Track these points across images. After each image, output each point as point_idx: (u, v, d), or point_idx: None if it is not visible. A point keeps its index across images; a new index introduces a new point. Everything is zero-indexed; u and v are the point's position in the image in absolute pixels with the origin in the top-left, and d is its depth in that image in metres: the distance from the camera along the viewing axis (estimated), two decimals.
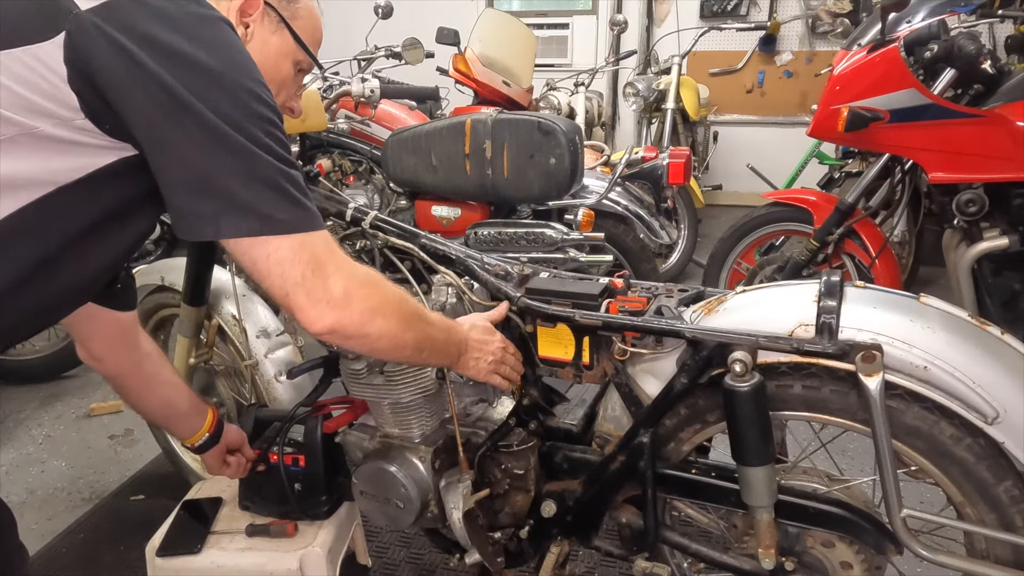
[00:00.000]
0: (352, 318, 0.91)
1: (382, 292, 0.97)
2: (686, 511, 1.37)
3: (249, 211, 0.83)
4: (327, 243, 0.90)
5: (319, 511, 1.47)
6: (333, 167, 1.70)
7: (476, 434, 1.40)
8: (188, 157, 0.81)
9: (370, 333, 0.95)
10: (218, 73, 0.82)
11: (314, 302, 0.88)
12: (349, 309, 0.91)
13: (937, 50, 2.18)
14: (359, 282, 0.92)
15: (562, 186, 2.45)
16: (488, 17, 3.76)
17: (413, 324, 1.03)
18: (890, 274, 2.54)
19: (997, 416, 1.02)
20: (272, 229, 0.85)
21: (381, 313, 0.95)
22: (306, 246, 0.87)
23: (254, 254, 0.86)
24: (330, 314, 0.89)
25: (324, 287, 0.88)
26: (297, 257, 0.86)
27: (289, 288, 0.87)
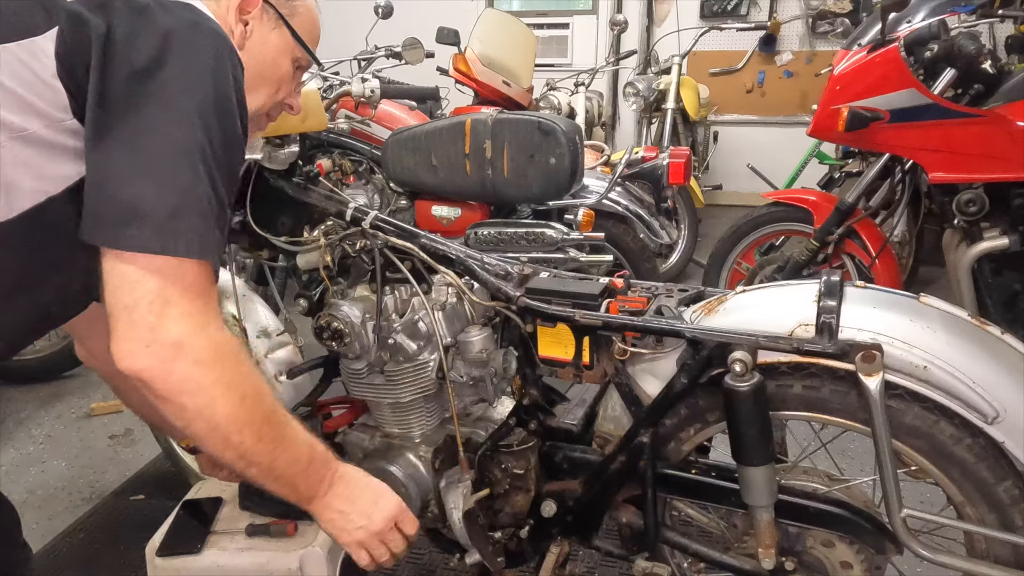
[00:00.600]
0: (170, 375, 0.76)
1: (228, 370, 0.80)
2: (686, 511, 1.37)
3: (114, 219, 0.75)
4: (194, 280, 0.77)
5: None
6: (333, 167, 1.69)
7: (476, 434, 1.40)
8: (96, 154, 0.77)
9: (186, 405, 0.78)
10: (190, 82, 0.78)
11: (132, 336, 0.74)
12: (170, 363, 0.75)
13: (937, 50, 2.19)
14: (205, 343, 0.77)
15: (562, 186, 2.45)
16: (488, 17, 3.75)
17: (253, 428, 0.84)
18: (890, 274, 2.54)
19: (997, 416, 1.02)
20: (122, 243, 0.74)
21: (211, 391, 0.78)
22: (158, 274, 0.75)
23: (105, 259, 0.76)
24: (144, 357, 0.74)
25: (154, 326, 0.74)
26: (140, 281, 0.74)
27: (115, 310, 0.75)
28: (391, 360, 1.35)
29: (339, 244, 1.38)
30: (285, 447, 0.90)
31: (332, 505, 0.99)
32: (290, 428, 0.91)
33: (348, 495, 1.00)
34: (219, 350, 0.79)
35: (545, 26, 5.74)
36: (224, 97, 0.81)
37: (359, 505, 1.01)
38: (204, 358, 0.77)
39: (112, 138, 0.76)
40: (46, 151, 0.79)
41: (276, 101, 1.07)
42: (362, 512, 1.01)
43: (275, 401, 0.88)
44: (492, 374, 1.34)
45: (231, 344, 0.82)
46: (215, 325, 0.80)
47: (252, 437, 0.84)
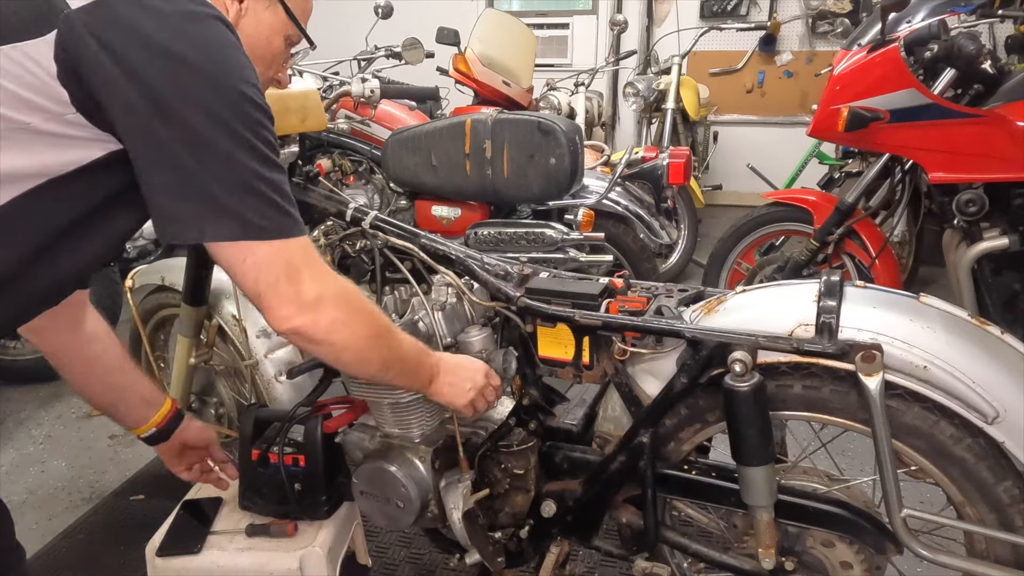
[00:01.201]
0: (319, 324, 0.92)
1: (355, 305, 0.98)
2: (686, 511, 1.37)
3: (229, 216, 0.84)
4: (306, 250, 0.91)
5: (319, 511, 1.46)
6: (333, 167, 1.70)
7: (476, 434, 1.40)
8: (170, 160, 0.82)
9: (336, 342, 0.95)
10: (206, 74, 0.82)
11: (284, 303, 0.90)
12: (317, 315, 0.91)
13: (937, 50, 2.19)
14: (333, 291, 0.94)
15: (562, 186, 2.45)
16: (488, 17, 3.75)
17: (382, 341, 1.03)
18: (890, 274, 2.54)
19: (997, 416, 1.02)
20: (250, 234, 0.86)
21: (350, 325, 0.96)
22: (284, 251, 0.89)
23: (231, 257, 0.87)
24: (298, 316, 0.90)
25: (296, 291, 0.90)
26: (273, 262, 0.88)
27: (261, 289, 0.89)
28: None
29: (339, 244, 1.38)
30: (404, 348, 1.10)
31: (445, 380, 1.20)
32: (400, 333, 1.10)
33: (453, 369, 1.22)
34: (344, 292, 0.96)
35: (545, 26, 5.74)
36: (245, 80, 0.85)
37: (462, 373, 1.23)
38: (338, 303, 0.94)
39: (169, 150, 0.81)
40: (48, 141, 0.82)
41: (267, 78, 1.09)
42: (467, 378, 1.23)
43: (384, 315, 1.06)
44: None
45: (349, 284, 0.99)
46: (332, 274, 0.95)
47: (384, 348, 1.04)
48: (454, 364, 1.23)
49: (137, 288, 1.90)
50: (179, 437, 1.36)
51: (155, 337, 2.03)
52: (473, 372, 1.24)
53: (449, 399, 1.22)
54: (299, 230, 0.91)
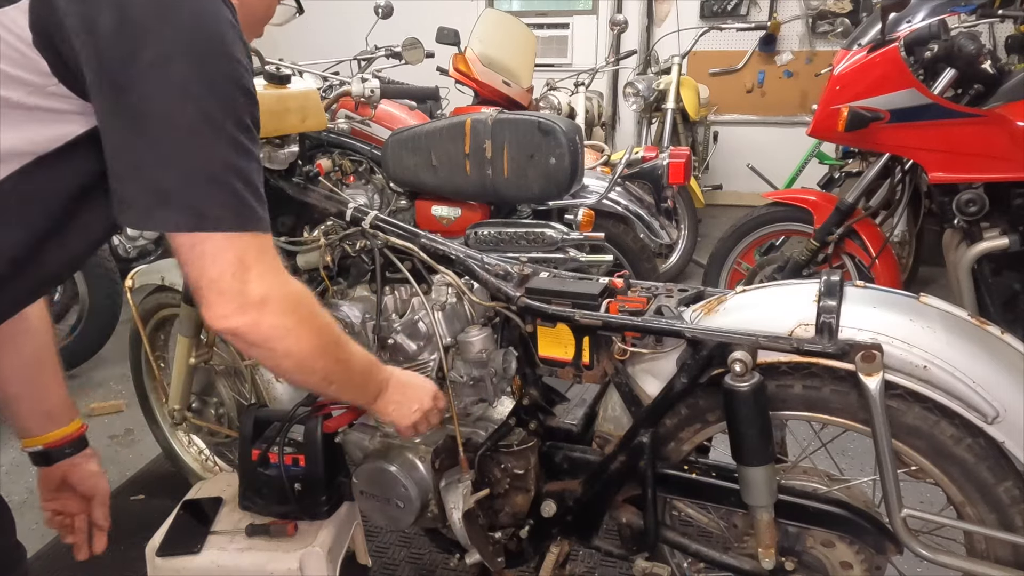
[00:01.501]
0: (260, 327, 0.86)
1: (303, 312, 0.91)
2: (686, 511, 1.37)
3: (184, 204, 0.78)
4: (261, 247, 0.85)
5: (319, 511, 1.46)
6: (333, 167, 1.70)
7: (476, 434, 1.40)
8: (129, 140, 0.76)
9: (276, 348, 0.90)
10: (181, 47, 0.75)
11: (225, 299, 0.83)
12: (260, 317, 0.85)
13: (937, 50, 2.19)
14: (281, 295, 0.87)
15: (562, 186, 2.45)
16: (488, 17, 3.75)
17: (329, 354, 0.97)
18: (890, 274, 2.54)
19: (997, 416, 1.02)
20: (204, 226, 0.80)
21: (294, 332, 0.90)
22: (236, 245, 0.82)
23: (181, 243, 0.81)
24: (237, 316, 0.84)
25: (241, 289, 0.83)
26: (222, 254, 0.81)
27: (204, 282, 0.83)
28: (391, 360, 1.35)
29: (339, 244, 1.38)
30: (353, 362, 1.04)
31: (392, 398, 1.16)
32: (352, 346, 1.04)
33: (401, 388, 1.18)
34: (294, 297, 0.90)
35: (545, 26, 5.74)
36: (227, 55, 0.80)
37: (410, 393, 1.19)
38: (285, 307, 0.87)
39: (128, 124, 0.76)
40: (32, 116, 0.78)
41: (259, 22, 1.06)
42: (414, 398, 1.19)
43: (338, 327, 1.01)
44: (492, 374, 1.34)
45: (302, 289, 0.93)
46: (284, 276, 0.89)
47: (330, 360, 0.98)
48: (403, 383, 1.19)
49: (137, 288, 1.90)
50: (64, 469, 1.17)
51: (155, 337, 2.03)
52: (422, 393, 1.21)
53: (393, 419, 1.19)
54: (259, 224, 0.84)
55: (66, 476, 1.18)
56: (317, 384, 1.01)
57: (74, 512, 1.19)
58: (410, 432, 1.22)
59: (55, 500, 1.19)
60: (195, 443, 2.12)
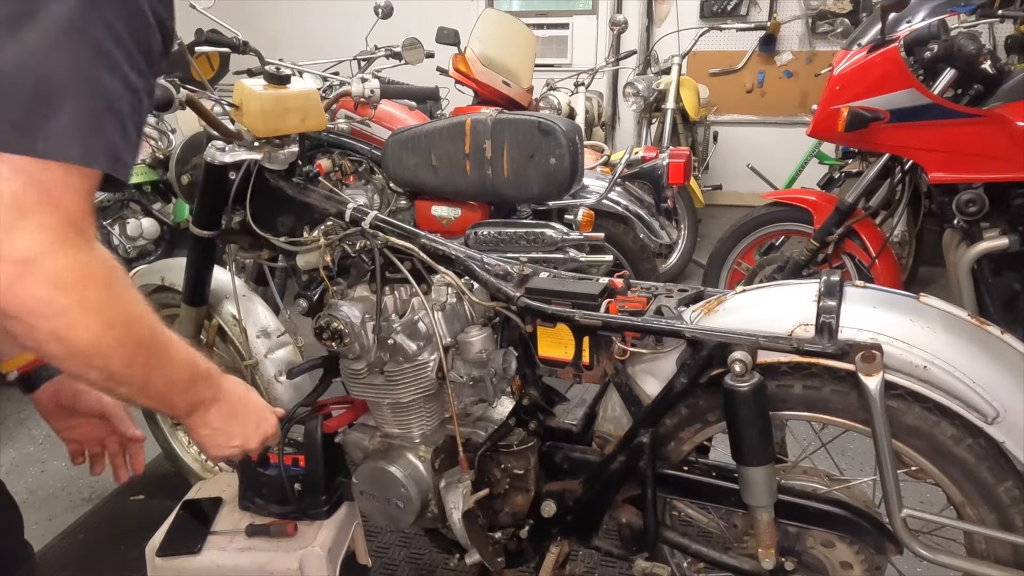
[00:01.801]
0: (17, 295, 0.63)
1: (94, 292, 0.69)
2: (686, 511, 1.37)
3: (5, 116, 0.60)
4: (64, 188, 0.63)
5: (319, 511, 1.47)
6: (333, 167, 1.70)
7: (476, 434, 1.40)
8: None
9: (38, 327, 0.66)
10: None
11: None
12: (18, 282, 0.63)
13: (937, 50, 2.19)
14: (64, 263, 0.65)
15: (562, 186, 2.45)
16: (488, 17, 3.75)
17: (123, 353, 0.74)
18: (890, 274, 2.54)
19: (997, 416, 1.02)
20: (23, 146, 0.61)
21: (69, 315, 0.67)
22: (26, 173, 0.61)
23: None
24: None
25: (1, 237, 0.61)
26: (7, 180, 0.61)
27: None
28: (391, 360, 1.35)
29: (339, 244, 1.38)
30: (161, 371, 0.80)
31: (211, 422, 0.92)
32: (169, 351, 0.81)
33: (230, 412, 0.94)
34: (83, 271, 0.67)
35: (545, 26, 5.74)
36: None
37: (240, 423, 0.96)
38: (63, 279, 0.65)
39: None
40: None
41: None
42: (242, 432, 0.96)
43: (155, 324, 0.78)
44: (492, 374, 1.34)
45: (102, 265, 0.70)
46: (82, 242, 0.67)
47: (120, 362, 0.74)
48: (234, 411, 0.95)
49: (137, 288, 1.90)
50: (53, 392, 1.02)
51: None
52: (250, 428, 0.98)
53: (203, 443, 0.94)
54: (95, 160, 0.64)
55: (59, 400, 1.02)
56: (96, 383, 0.77)
57: (98, 437, 1.07)
58: (215, 460, 1.03)
59: (70, 430, 1.06)
60: (195, 443, 2.12)
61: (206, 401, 0.90)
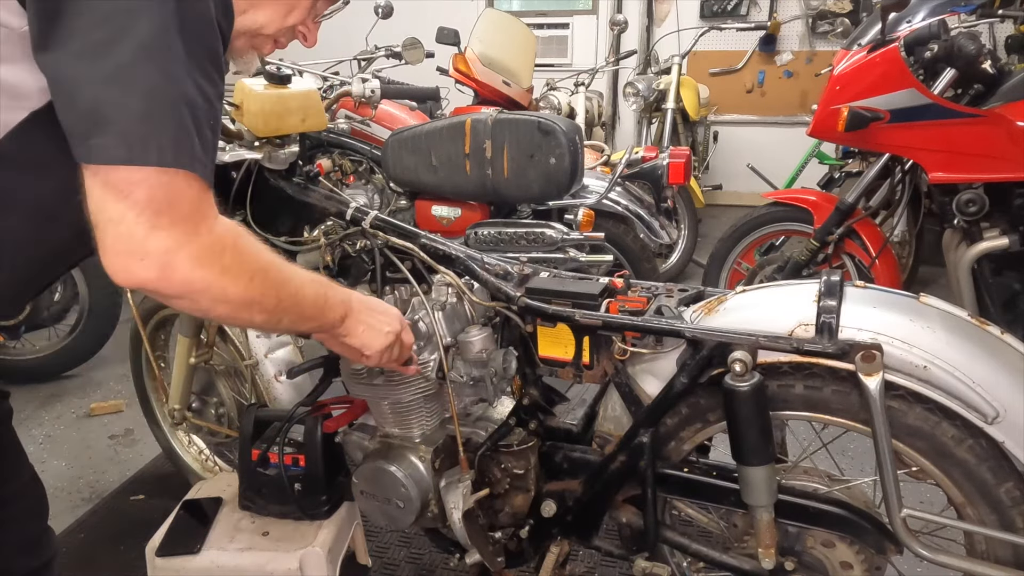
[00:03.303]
0: (172, 281, 0.75)
1: (228, 260, 0.81)
2: (686, 511, 1.37)
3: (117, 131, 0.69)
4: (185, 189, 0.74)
5: (319, 511, 1.47)
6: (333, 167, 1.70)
7: (476, 434, 1.40)
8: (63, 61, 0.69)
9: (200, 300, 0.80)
10: None
11: (122, 250, 0.72)
12: (168, 271, 0.74)
13: (937, 50, 2.19)
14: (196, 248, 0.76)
15: (562, 186, 2.45)
16: (488, 17, 3.75)
17: (269, 294, 0.89)
18: (890, 274, 2.54)
19: (997, 416, 1.02)
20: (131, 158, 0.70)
21: (219, 283, 0.80)
22: (147, 183, 0.71)
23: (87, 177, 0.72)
24: (140, 270, 0.73)
25: (144, 238, 0.72)
26: (127, 191, 0.70)
27: (100, 221, 0.72)
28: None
29: (339, 244, 1.38)
30: (302, 297, 0.96)
31: (358, 326, 1.09)
32: (300, 277, 0.96)
33: (368, 311, 1.11)
34: (215, 246, 0.79)
35: (545, 26, 5.74)
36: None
37: (378, 316, 1.12)
38: (202, 258, 0.77)
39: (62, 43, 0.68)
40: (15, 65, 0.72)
41: (286, 26, 0.96)
42: (384, 321, 1.12)
43: (282, 266, 0.93)
44: (492, 374, 1.34)
45: (228, 234, 0.82)
46: (208, 223, 0.78)
47: (272, 302, 0.90)
48: (368, 305, 1.12)
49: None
50: None
51: (155, 337, 2.03)
52: (389, 317, 1.13)
53: (363, 342, 1.10)
54: (193, 165, 0.73)
55: None
56: (263, 325, 0.94)
57: None
58: (383, 357, 1.14)
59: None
60: (195, 443, 2.12)
61: (345, 308, 1.06)
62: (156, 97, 0.71)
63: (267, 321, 0.92)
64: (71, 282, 2.88)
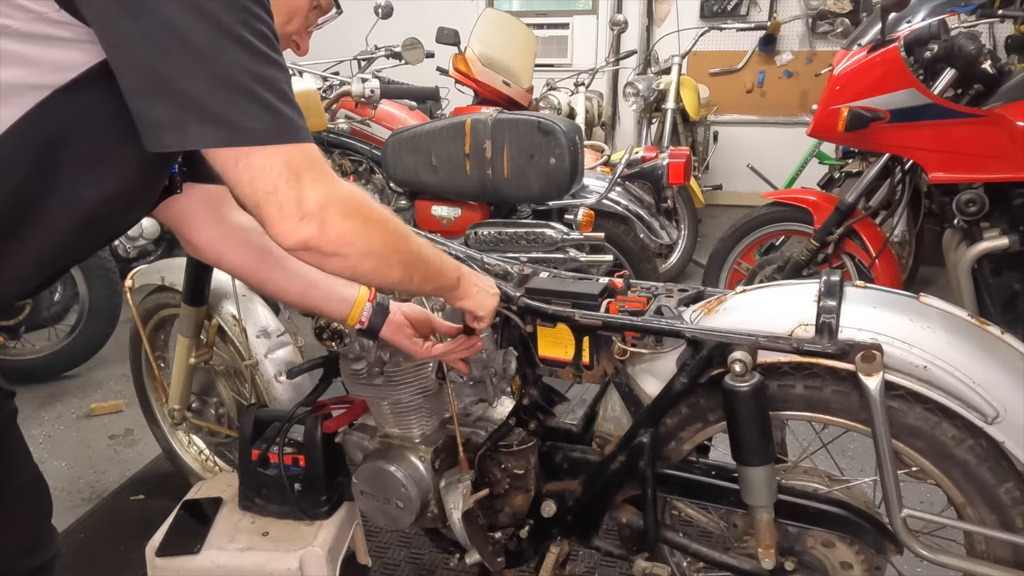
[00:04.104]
0: (327, 235, 0.84)
1: (365, 211, 0.89)
2: (686, 511, 1.37)
3: (215, 119, 0.75)
4: (307, 155, 0.82)
5: (319, 511, 1.47)
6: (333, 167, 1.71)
7: (476, 434, 1.40)
8: (145, 56, 0.73)
9: (350, 253, 0.87)
10: None
11: (285, 215, 0.81)
12: (324, 225, 0.83)
13: (937, 50, 2.19)
14: (340, 198, 0.85)
15: (562, 186, 2.45)
16: (488, 17, 3.76)
17: (401, 246, 0.96)
18: (890, 274, 2.54)
19: (997, 416, 1.02)
20: (241, 140, 0.77)
21: (362, 233, 0.88)
22: (280, 156, 0.79)
23: (224, 161, 0.78)
24: (303, 228, 0.82)
25: (298, 199, 0.81)
26: (270, 167, 0.79)
27: (260, 199, 0.80)
28: (391, 360, 1.35)
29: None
30: (425, 251, 1.03)
31: (472, 283, 1.17)
32: (417, 238, 1.03)
33: (474, 275, 1.18)
34: (353, 199, 0.87)
35: (545, 26, 5.74)
36: None
37: (483, 279, 1.20)
38: (347, 209, 0.85)
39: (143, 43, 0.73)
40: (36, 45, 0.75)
41: (284, 33, 1.00)
42: (488, 283, 1.20)
43: (398, 219, 0.98)
44: (492, 374, 1.34)
45: (357, 190, 0.90)
46: (338, 180, 0.87)
47: (405, 255, 0.97)
48: (469, 270, 1.18)
49: (137, 288, 1.90)
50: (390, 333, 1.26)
51: (155, 337, 2.03)
52: (490, 282, 1.21)
53: (479, 302, 1.17)
54: (299, 135, 0.81)
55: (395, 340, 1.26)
56: (401, 280, 0.99)
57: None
58: (490, 319, 1.21)
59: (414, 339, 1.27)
60: (195, 443, 2.12)
61: (456, 266, 1.13)
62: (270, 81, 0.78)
63: (403, 277, 0.98)
64: (71, 282, 2.88)
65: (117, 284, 2.86)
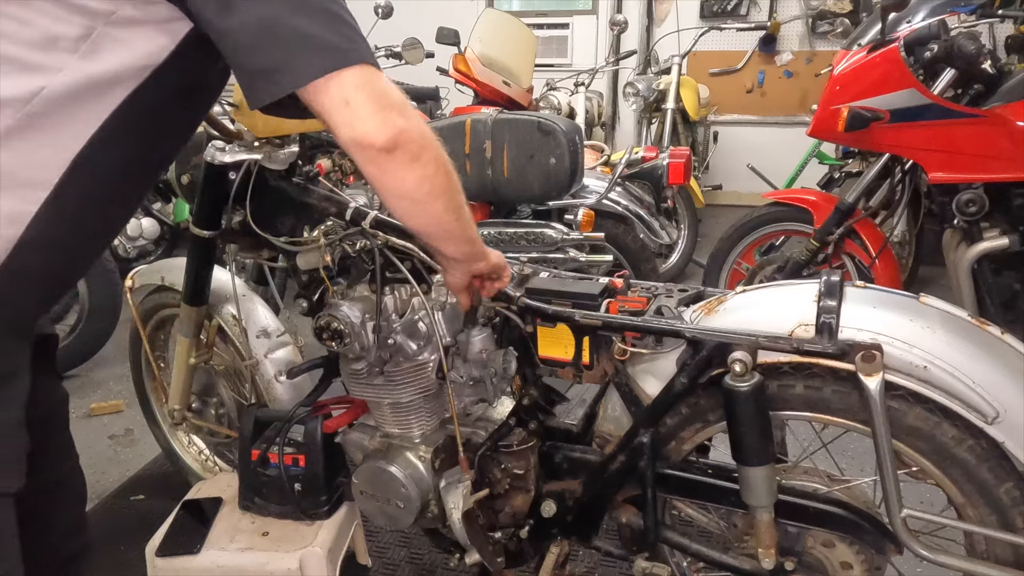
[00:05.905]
0: (410, 134, 0.90)
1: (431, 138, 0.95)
2: (686, 511, 1.37)
3: (321, 47, 0.83)
4: (385, 78, 0.90)
5: (319, 511, 1.47)
6: (333, 167, 1.70)
7: (476, 434, 1.40)
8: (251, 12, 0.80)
9: (428, 160, 0.93)
10: None
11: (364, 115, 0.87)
12: (412, 121, 0.90)
13: (937, 50, 2.19)
14: (417, 121, 0.92)
15: (562, 186, 2.45)
16: (488, 17, 3.76)
17: (452, 180, 1.00)
18: (890, 274, 2.54)
19: (997, 416, 1.02)
20: (345, 60, 0.84)
21: (431, 147, 0.94)
22: (369, 74, 0.87)
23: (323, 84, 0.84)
24: (395, 118, 0.88)
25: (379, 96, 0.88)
26: (363, 79, 0.86)
27: (353, 101, 0.86)
28: (391, 360, 1.35)
29: (339, 244, 1.38)
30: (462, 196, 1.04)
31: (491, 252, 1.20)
32: None
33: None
34: (424, 128, 0.93)
35: (545, 26, 5.74)
36: None
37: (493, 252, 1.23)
38: (422, 133, 0.92)
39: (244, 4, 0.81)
40: (139, 30, 0.83)
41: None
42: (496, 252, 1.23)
43: None
44: (492, 374, 1.34)
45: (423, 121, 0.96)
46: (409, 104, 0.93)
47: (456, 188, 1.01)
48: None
49: (137, 288, 1.90)
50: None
51: (155, 337, 2.03)
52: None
53: (495, 261, 1.21)
54: (376, 61, 0.89)
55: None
56: (446, 209, 1.01)
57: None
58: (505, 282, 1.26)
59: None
60: (195, 443, 2.12)
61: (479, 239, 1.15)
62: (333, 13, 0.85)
63: (449, 207, 1.00)
64: None
65: (117, 284, 2.85)
